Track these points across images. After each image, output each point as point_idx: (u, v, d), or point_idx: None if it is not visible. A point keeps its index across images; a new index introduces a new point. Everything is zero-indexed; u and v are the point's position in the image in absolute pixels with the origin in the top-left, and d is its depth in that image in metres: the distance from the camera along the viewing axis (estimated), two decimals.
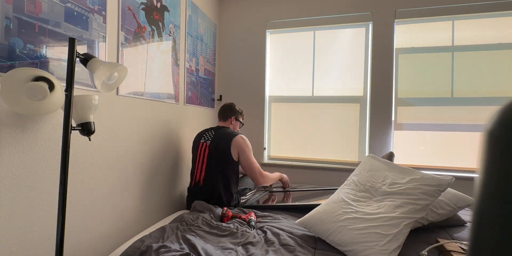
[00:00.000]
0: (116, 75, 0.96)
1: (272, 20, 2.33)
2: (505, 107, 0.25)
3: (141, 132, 1.44)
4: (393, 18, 2.06)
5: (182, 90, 1.86)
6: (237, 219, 1.27)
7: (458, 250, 0.94)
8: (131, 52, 1.34)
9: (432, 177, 1.06)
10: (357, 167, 1.33)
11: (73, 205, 1.06)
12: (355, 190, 1.19)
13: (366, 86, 2.16)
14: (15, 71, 0.74)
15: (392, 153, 1.39)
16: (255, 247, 1.02)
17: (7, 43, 0.82)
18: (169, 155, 1.71)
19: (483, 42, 1.93)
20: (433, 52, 2.02)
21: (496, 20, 1.91)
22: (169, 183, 1.73)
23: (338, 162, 2.21)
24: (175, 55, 1.74)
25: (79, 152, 1.08)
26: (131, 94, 1.35)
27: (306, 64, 2.30)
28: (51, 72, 0.96)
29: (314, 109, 2.28)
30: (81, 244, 1.10)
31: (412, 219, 0.98)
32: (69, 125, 0.83)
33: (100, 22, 1.16)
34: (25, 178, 0.89)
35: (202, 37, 2.15)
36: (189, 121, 1.97)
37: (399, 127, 2.08)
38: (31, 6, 0.88)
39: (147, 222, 1.51)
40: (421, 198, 1.02)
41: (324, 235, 1.05)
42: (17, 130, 0.86)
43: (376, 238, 0.94)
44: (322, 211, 1.13)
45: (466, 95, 1.96)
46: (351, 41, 2.20)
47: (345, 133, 2.21)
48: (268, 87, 2.39)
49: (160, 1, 1.56)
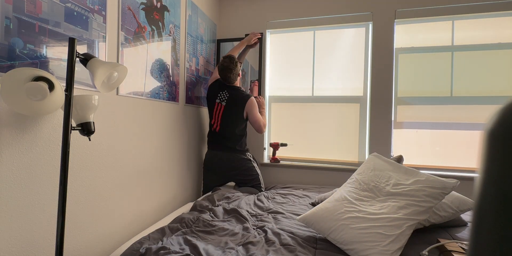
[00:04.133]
0: (116, 75, 0.96)
1: (272, 20, 2.33)
2: (505, 107, 0.25)
3: (141, 132, 1.44)
4: (393, 18, 2.06)
5: (182, 90, 1.86)
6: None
7: (459, 250, 0.94)
8: (131, 52, 1.34)
9: (437, 180, 1.06)
10: (361, 166, 1.33)
11: (73, 205, 1.06)
12: (358, 189, 1.18)
13: (366, 86, 2.16)
14: (15, 71, 0.74)
15: (401, 156, 1.38)
16: (255, 247, 1.02)
17: (7, 43, 0.82)
18: (168, 155, 1.71)
19: (483, 42, 1.93)
20: (433, 52, 2.02)
21: (496, 20, 1.91)
22: (169, 183, 1.73)
23: (338, 162, 2.21)
24: (175, 55, 1.74)
25: (79, 152, 1.08)
26: (131, 94, 1.35)
27: (306, 64, 2.30)
28: (51, 72, 0.95)
29: (314, 109, 2.28)
30: (81, 244, 1.10)
31: (415, 221, 0.98)
32: (69, 125, 0.83)
33: (100, 22, 1.16)
34: (25, 178, 0.89)
35: (202, 37, 2.15)
36: (189, 121, 1.97)
37: (399, 125, 2.08)
38: (31, 6, 0.88)
39: (147, 222, 1.51)
40: (425, 200, 1.01)
41: (326, 232, 1.05)
42: (17, 130, 0.86)
43: (378, 238, 0.94)
44: (324, 208, 1.12)
45: (466, 94, 1.96)
46: (351, 41, 2.20)
47: (345, 133, 2.21)
48: (268, 87, 2.39)
49: (160, 1, 1.56)
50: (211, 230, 1.16)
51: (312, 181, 2.22)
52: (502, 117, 0.25)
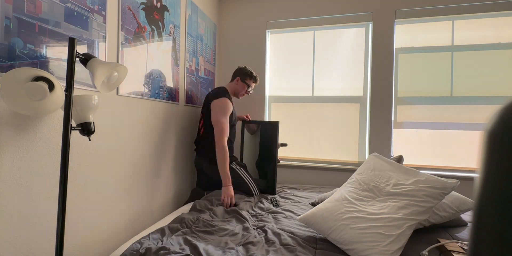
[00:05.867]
0: (116, 75, 0.96)
1: (272, 20, 2.33)
2: (505, 107, 0.25)
3: (141, 132, 1.44)
4: (393, 18, 2.06)
5: (182, 90, 1.85)
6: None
7: (459, 250, 0.94)
8: (131, 52, 1.34)
9: (437, 180, 1.06)
10: (361, 166, 1.33)
11: (73, 205, 1.06)
12: (358, 189, 1.18)
13: (366, 86, 2.16)
14: (15, 71, 0.73)
15: (401, 156, 1.39)
16: (255, 247, 1.02)
17: (7, 43, 0.82)
18: (169, 155, 1.71)
19: (483, 42, 1.93)
20: (433, 52, 2.02)
21: (496, 20, 1.91)
22: (169, 183, 1.73)
23: (338, 162, 2.21)
24: (175, 55, 1.74)
25: (79, 152, 1.08)
26: (131, 94, 1.35)
27: (306, 64, 2.30)
28: (51, 72, 0.95)
29: (314, 109, 2.28)
30: (81, 244, 1.10)
31: (415, 221, 0.98)
32: (69, 125, 0.83)
33: (100, 22, 1.16)
34: (25, 178, 0.89)
35: (202, 37, 2.15)
36: (189, 121, 1.97)
37: (398, 125, 2.08)
38: (31, 6, 0.88)
39: (147, 222, 1.51)
40: (425, 200, 1.01)
41: (326, 233, 1.05)
42: (17, 130, 0.86)
43: (378, 238, 0.94)
44: (324, 208, 1.12)
45: (466, 94, 1.96)
46: (351, 41, 2.20)
47: (345, 133, 2.21)
48: (268, 87, 2.39)
49: (160, 1, 1.56)
50: (211, 230, 1.16)
51: (312, 181, 2.22)
52: (502, 117, 0.25)
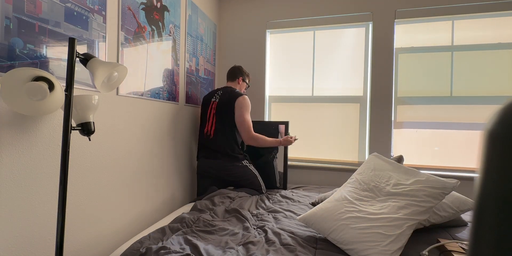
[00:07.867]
0: (116, 75, 0.96)
1: (272, 20, 2.33)
2: (505, 107, 0.25)
3: (141, 132, 1.44)
4: (393, 18, 2.06)
5: (182, 90, 1.86)
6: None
7: (459, 250, 0.94)
8: (131, 52, 1.34)
9: (437, 180, 1.06)
10: (361, 166, 1.33)
11: (73, 205, 1.06)
12: (358, 189, 1.18)
13: (366, 86, 2.16)
14: (15, 71, 0.74)
15: (402, 156, 1.39)
16: (255, 247, 1.02)
17: (7, 43, 0.82)
18: (169, 155, 1.71)
19: (483, 42, 1.93)
20: (433, 52, 2.02)
21: (496, 20, 1.91)
22: (169, 183, 1.73)
23: (338, 162, 2.21)
24: (175, 55, 1.74)
25: (79, 152, 1.08)
26: (131, 94, 1.35)
27: (306, 64, 2.30)
28: (51, 72, 0.95)
29: (314, 109, 2.28)
30: (81, 244, 1.10)
31: (415, 221, 0.98)
32: (69, 125, 0.83)
33: (100, 22, 1.16)
34: (25, 178, 0.89)
35: (202, 37, 2.15)
36: (189, 121, 1.97)
37: (399, 125, 2.08)
38: (31, 6, 0.88)
39: (147, 222, 1.51)
40: (425, 200, 1.01)
41: (326, 232, 1.05)
42: (17, 130, 0.86)
43: (378, 238, 0.94)
44: (324, 208, 1.12)
45: (465, 94, 1.96)
46: (351, 41, 2.20)
47: (345, 133, 2.21)
48: (268, 87, 2.39)
49: (160, 1, 1.56)
50: (212, 229, 1.16)
51: (312, 181, 2.22)
52: (502, 117, 0.25)
